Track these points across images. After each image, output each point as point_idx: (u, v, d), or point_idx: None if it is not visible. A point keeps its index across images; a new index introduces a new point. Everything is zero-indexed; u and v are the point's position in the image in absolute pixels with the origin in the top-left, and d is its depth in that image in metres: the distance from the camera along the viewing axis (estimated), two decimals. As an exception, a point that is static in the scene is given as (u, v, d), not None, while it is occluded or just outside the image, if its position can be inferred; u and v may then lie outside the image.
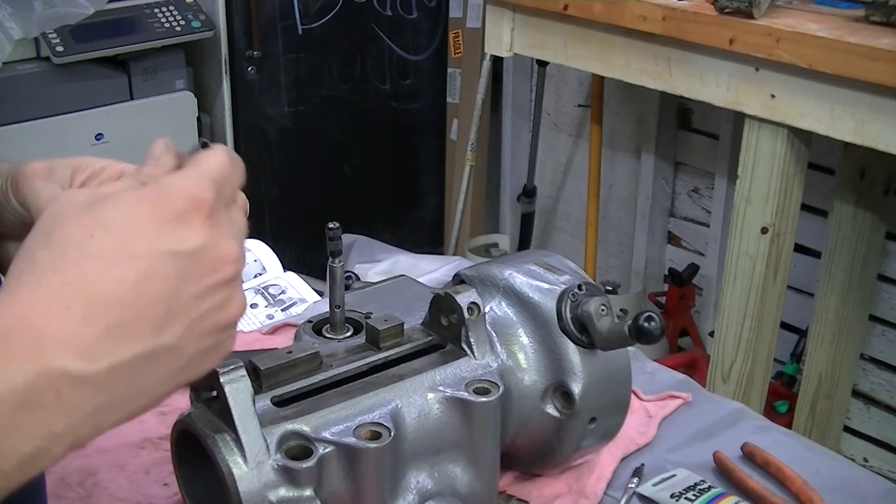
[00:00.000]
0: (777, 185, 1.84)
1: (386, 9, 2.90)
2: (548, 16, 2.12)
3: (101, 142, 2.42)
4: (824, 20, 1.76)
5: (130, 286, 0.50)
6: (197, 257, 0.52)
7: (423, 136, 3.13)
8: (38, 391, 0.47)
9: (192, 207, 0.52)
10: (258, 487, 0.72)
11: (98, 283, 0.49)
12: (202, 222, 0.53)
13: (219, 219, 0.54)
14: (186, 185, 0.53)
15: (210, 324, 0.54)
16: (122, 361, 0.50)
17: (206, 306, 0.53)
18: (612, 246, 3.00)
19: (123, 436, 1.02)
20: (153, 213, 0.52)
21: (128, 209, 0.52)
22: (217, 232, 0.53)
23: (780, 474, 0.99)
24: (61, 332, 0.48)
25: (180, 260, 0.51)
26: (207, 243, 0.53)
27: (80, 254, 0.50)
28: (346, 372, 0.84)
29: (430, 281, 1.27)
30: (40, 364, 0.48)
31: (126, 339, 0.50)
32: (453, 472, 0.84)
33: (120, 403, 0.51)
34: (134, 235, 0.51)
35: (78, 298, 0.49)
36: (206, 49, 2.62)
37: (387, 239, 1.65)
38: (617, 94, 2.76)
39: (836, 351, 2.24)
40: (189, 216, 0.52)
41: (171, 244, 0.51)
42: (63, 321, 0.48)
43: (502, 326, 0.89)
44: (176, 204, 0.52)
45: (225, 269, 0.54)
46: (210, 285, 0.53)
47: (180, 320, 0.52)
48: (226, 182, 0.56)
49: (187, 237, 0.52)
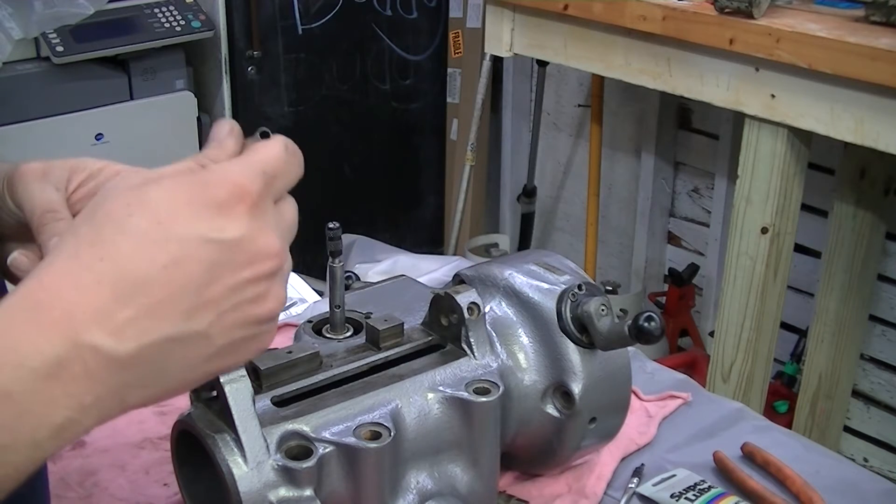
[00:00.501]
0: (777, 185, 1.84)
1: (386, 9, 2.90)
2: (548, 16, 2.12)
3: (101, 142, 2.42)
4: (824, 20, 1.76)
5: (161, 267, 0.50)
6: (234, 247, 0.52)
7: (423, 136, 3.13)
8: (67, 363, 0.48)
9: (235, 197, 0.52)
10: (258, 487, 0.72)
11: (130, 262, 0.50)
12: (244, 213, 0.52)
13: (263, 211, 0.53)
14: (233, 174, 0.53)
15: (243, 316, 0.53)
16: (150, 343, 0.50)
17: (240, 298, 0.52)
18: (612, 246, 3.00)
19: (123, 436, 1.02)
20: (194, 198, 0.51)
21: (170, 191, 0.52)
22: (258, 224, 0.53)
23: (780, 474, 0.99)
24: (92, 307, 0.49)
25: (215, 248, 0.51)
26: (246, 235, 0.52)
27: (117, 230, 0.50)
28: (346, 372, 0.84)
29: (430, 281, 1.27)
30: (70, 336, 0.48)
31: (155, 321, 0.50)
32: (453, 472, 0.84)
33: (146, 384, 0.51)
34: (171, 218, 0.51)
35: (110, 274, 0.49)
36: (206, 49, 2.62)
37: (387, 239, 1.65)
38: (617, 94, 2.76)
39: (836, 351, 2.24)
40: (230, 205, 0.52)
41: (208, 231, 0.51)
42: (94, 296, 0.49)
43: (502, 326, 0.89)
44: (219, 191, 0.52)
45: (264, 263, 0.53)
46: (247, 278, 0.52)
47: (211, 308, 0.51)
48: (278, 175, 0.55)
49: (226, 226, 0.51)
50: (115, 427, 1.03)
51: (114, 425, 1.03)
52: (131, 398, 0.51)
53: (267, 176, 0.54)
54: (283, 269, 0.55)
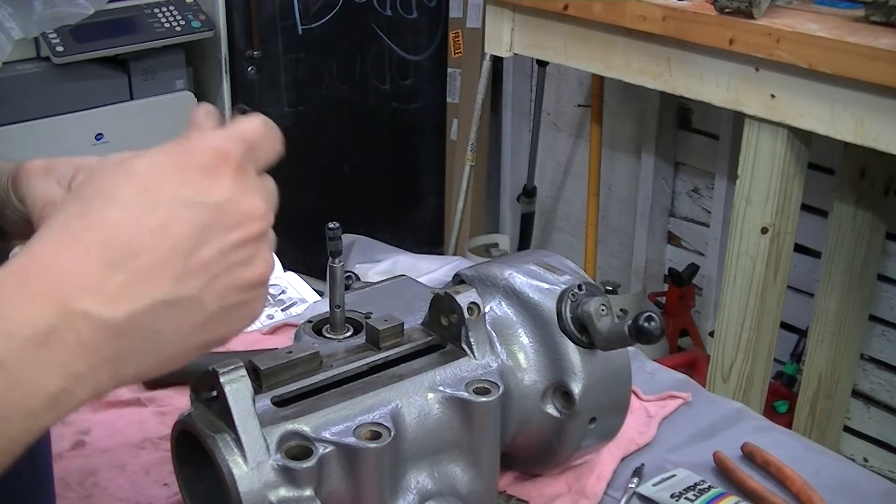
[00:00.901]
0: (777, 185, 1.84)
1: (386, 9, 2.90)
2: (548, 16, 2.12)
3: (101, 142, 2.42)
4: (824, 20, 1.76)
5: (149, 231, 0.50)
6: (221, 209, 0.52)
7: (423, 136, 3.13)
8: (59, 332, 0.48)
9: (218, 160, 0.53)
10: (258, 487, 0.72)
11: (118, 228, 0.50)
12: (229, 175, 0.53)
13: (246, 175, 0.54)
14: (216, 141, 0.54)
15: (234, 280, 0.53)
16: (142, 308, 0.50)
17: (230, 261, 0.53)
18: (612, 246, 3.00)
19: (123, 436, 1.02)
20: (179, 164, 0.52)
21: (154, 161, 0.53)
22: (243, 186, 0.53)
23: (780, 474, 0.99)
24: (82, 275, 0.49)
25: (203, 210, 0.52)
26: (232, 197, 0.53)
27: (104, 201, 0.51)
28: (346, 372, 0.84)
29: (430, 281, 1.27)
30: (60, 305, 0.48)
31: (145, 286, 0.50)
32: (453, 472, 0.84)
33: (140, 352, 0.51)
34: (157, 184, 0.51)
35: (99, 243, 0.50)
36: (206, 49, 2.62)
37: (387, 239, 1.65)
38: (617, 94, 2.76)
39: (836, 351, 2.24)
40: (215, 169, 0.53)
41: (194, 194, 0.52)
42: (84, 264, 0.49)
43: (502, 326, 0.89)
44: (203, 157, 0.53)
45: (251, 224, 0.54)
46: (235, 240, 0.53)
47: (202, 272, 0.52)
48: (258, 146, 0.56)
49: (211, 188, 0.52)
50: (115, 427, 1.03)
51: (114, 425, 1.03)
52: (126, 369, 0.51)
53: (248, 143, 0.55)
54: (268, 234, 0.56)
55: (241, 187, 0.53)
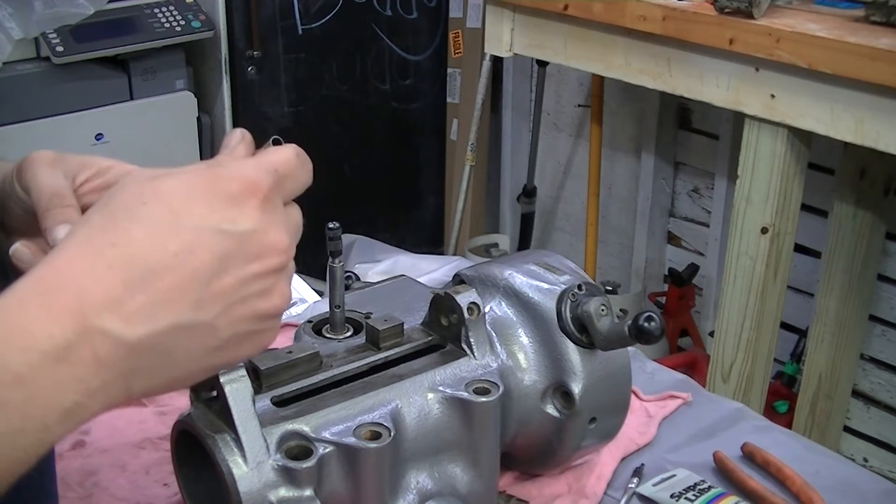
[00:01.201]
0: (777, 185, 1.84)
1: (386, 9, 2.90)
2: (548, 16, 2.12)
3: (101, 142, 2.42)
4: (824, 20, 1.76)
5: (173, 255, 0.51)
6: (244, 240, 0.53)
7: (423, 136, 3.13)
8: (76, 347, 0.49)
9: (247, 190, 0.53)
10: (258, 487, 0.72)
11: (141, 248, 0.50)
12: (255, 206, 0.53)
13: (273, 207, 0.55)
14: (246, 169, 0.54)
15: (250, 310, 0.54)
16: (159, 329, 0.51)
17: (248, 291, 0.53)
18: (612, 246, 3.00)
19: (123, 436, 1.02)
20: (207, 190, 0.52)
21: (184, 183, 0.53)
22: (269, 219, 0.54)
23: (780, 474, 0.99)
24: (102, 292, 0.49)
25: (227, 239, 0.52)
26: (257, 228, 0.53)
27: (129, 218, 0.51)
28: (346, 372, 0.84)
29: (430, 281, 1.27)
30: (80, 321, 0.49)
31: (164, 308, 0.51)
32: (453, 472, 0.84)
33: (152, 371, 0.52)
34: (185, 207, 0.52)
35: (120, 260, 0.50)
36: (206, 49, 2.62)
37: (387, 239, 1.65)
38: (617, 94, 2.76)
39: (836, 351, 2.24)
40: (243, 198, 0.53)
41: (220, 222, 0.52)
42: (104, 281, 0.49)
43: (502, 326, 0.89)
44: (232, 185, 0.53)
45: (272, 257, 0.54)
46: (255, 271, 0.53)
47: (219, 299, 0.52)
48: (287, 177, 0.57)
49: (237, 218, 0.52)
50: (115, 427, 1.03)
51: (114, 425, 1.03)
52: (137, 385, 0.52)
53: (278, 175, 0.55)
54: (289, 267, 0.56)
55: (266, 219, 0.54)
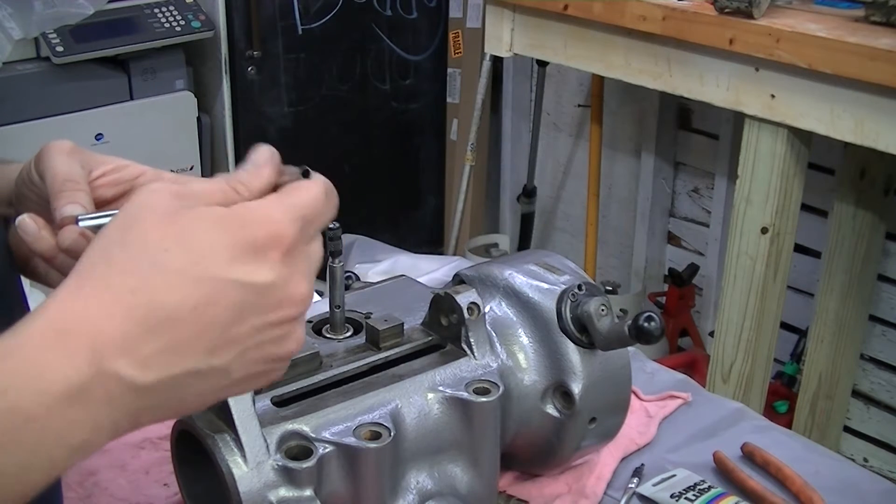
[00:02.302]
0: (777, 185, 1.84)
1: (386, 9, 2.90)
2: (548, 16, 2.12)
3: (101, 142, 2.42)
4: (824, 20, 1.76)
5: (192, 307, 0.50)
6: (264, 292, 0.52)
7: (423, 136, 3.13)
8: (90, 390, 0.49)
9: (271, 241, 0.52)
10: (258, 487, 0.72)
11: (162, 298, 0.50)
12: (278, 258, 0.52)
13: (296, 257, 0.54)
14: (273, 216, 0.53)
15: (263, 354, 0.54)
16: (172, 376, 0.51)
17: (263, 338, 0.53)
18: (612, 246, 3.00)
19: (123, 436, 1.02)
20: (231, 239, 0.51)
21: (208, 229, 0.51)
22: (290, 270, 0.53)
23: (780, 474, 0.99)
24: (119, 337, 0.49)
25: (247, 291, 0.52)
26: (277, 282, 0.52)
27: (151, 265, 0.50)
28: (346, 372, 0.84)
29: (430, 281, 1.27)
30: (94, 363, 0.49)
31: (179, 356, 0.51)
32: (453, 472, 0.84)
33: (162, 409, 0.53)
34: (207, 258, 0.51)
35: (141, 308, 0.50)
36: (206, 49, 2.62)
37: (387, 239, 1.65)
38: (617, 94, 2.76)
39: (836, 351, 2.24)
40: (266, 249, 0.52)
41: (242, 274, 0.51)
42: (122, 327, 0.49)
43: (502, 326, 0.89)
44: (257, 234, 0.52)
45: (290, 308, 0.54)
46: (272, 321, 0.53)
47: (235, 347, 0.52)
48: (315, 217, 0.55)
49: (259, 271, 0.52)
50: (115, 427, 1.03)
51: (114, 425, 1.03)
52: (144, 419, 0.53)
53: (305, 221, 0.54)
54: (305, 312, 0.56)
55: (288, 271, 0.53)
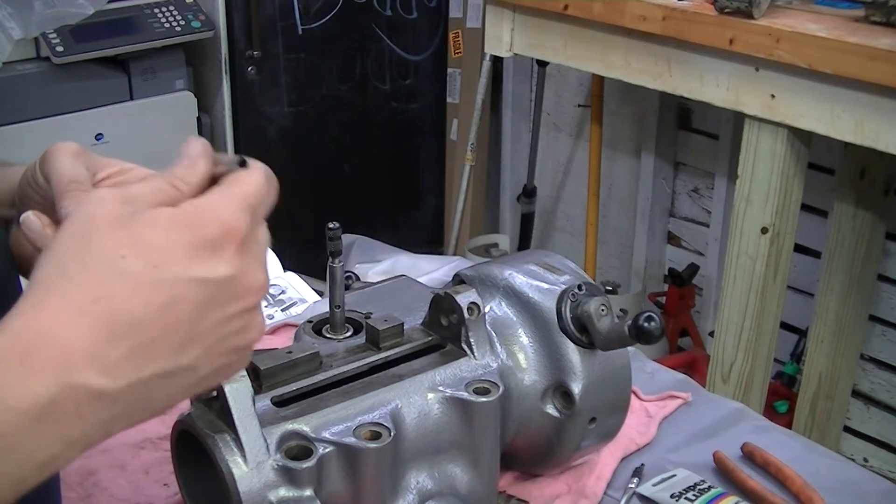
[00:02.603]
0: (777, 185, 1.84)
1: (386, 9, 2.90)
2: (548, 16, 2.12)
3: (101, 142, 2.42)
4: (824, 20, 1.76)
5: (156, 309, 0.51)
6: (225, 286, 0.53)
7: (423, 136, 3.13)
8: (59, 404, 0.49)
9: (225, 236, 0.53)
10: (258, 487, 0.72)
11: (125, 304, 0.50)
12: (233, 252, 0.53)
13: (250, 247, 0.55)
14: (222, 212, 0.54)
15: (228, 346, 0.55)
16: (141, 379, 0.51)
17: (227, 331, 0.54)
18: (612, 246, 3.00)
19: (123, 436, 1.01)
20: (186, 239, 0.52)
21: (161, 231, 0.52)
22: (246, 261, 0.54)
23: (780, 474, 0.99)
24: (86, 349, 0.49)
25: (208, 288, 0.52)
26: (236, 273, 0.53)
27: (111, 273, 0.51)
28: (346, 372, 0.84)
29: (430, 281, 1.27)
30: (62, 379, 0.49)
31: (147, 359, 0.51)
32: (453, 472, 0.84)
33: (132, 414, 0.53)
34: (165, 260, 0.51)
35: (104, 317, 0.50)
36: (206, 49, 2.62)
37: (387, 239, 1.65)
38: (617, 94, 2.76)
39: (836, 351, 2.24)
40: (222, 245, 0.53)
41: (201, 272, 0.52)
42: (88, 338, 0.49)
43: (502, 326, 0.89)
44: (210, 231, 0.53)
45: (250, 297, 0.55)
46: (234, 312, 0.54)
47: (200, 342, 0.53)
48: (260, 205, 0.56)
49: (218, 267, 0.53)
50: (115, 427, 1.03)
51: (114, 425, 1.03)
52: (116, 428, 0.53)
53: (253, 210, 0.55)
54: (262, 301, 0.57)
55: (244, 262, 0.54)
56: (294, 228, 2.73)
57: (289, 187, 2.48)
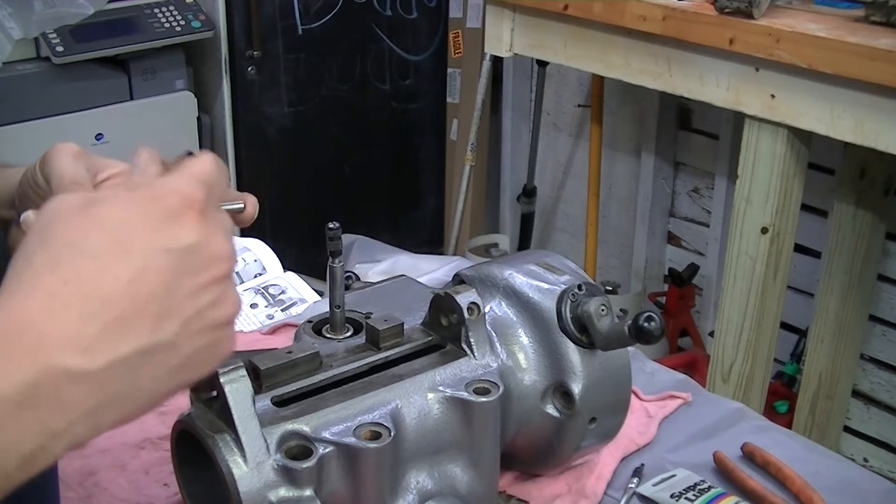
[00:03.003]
0: (777, 185, 1.84)
1: (386, 9, 2.90)
2: (548, 16, 2.12)
3: (101, 142, 2.42)
4: (824, 20, 1.76)
5: (126, 283, 0.51)
6: (191, 254, 0.53)
7: (423, 136, 3.13)
8: (38, 390, 0.48)
9: (185, 205, 0.54)
10: (258, 487, 0.72)
11: (94, 281, 0.50)
12: (195, 220, 0.54)
13: (210, 216, 0.55)
14: (178, 185, 0.55)
15: (206, 321, 0.54)
16: (120, 358, 0.51)
17: (201, 303, 0.54)
18: (612, 246, 3.00)
19: (123, 436, 1.02)
20: (147, 212, 0.53)
21: (122, 209, 0.53)
22: (209, 229, 0.55)
23: (780, 474, 0.99)
24: (60, 331, 0.49)
25: (174, 256, 0.53)
26: (200, 240, 0.54)
27: (76, 253, 0.51)
28: (346, 372, 0.84)
29: (430, 281, 1.27)
30: (40, 363, 0.48)
31: (123, 336, 0.51)
32: (453, 472, 0.84)
33: (118, 401, 0.52)
34: (128, 234, 0.52)
35: (76, 297, 0.50)
36: (206, 49, 2.62)
37: (387, 239, 1.65)
38: (617, 94, 2.76)
39: (836, 351, 2.24)
40: (182, 214, 0.53)
41: (166, 241, 0.52)
42: (62, 319, 0.49)
43: (502, 326, 0.89)
44: (169, 202, 0.53)
45: (218, 265, 0.55)
46: (204, 282, 0.54)
47: (176, 316, 0.53)
48: (214, 184, 0.57)
49: (181, 234, 0.53)
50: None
51: (114, 425, 1.03)
52: (105, 419, 0.52)
53: (207, 184, 0.56)
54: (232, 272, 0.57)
55: (207, 230, 0.54)
56: (294, 228, 2.73)
57: (289, 187, 2.50)
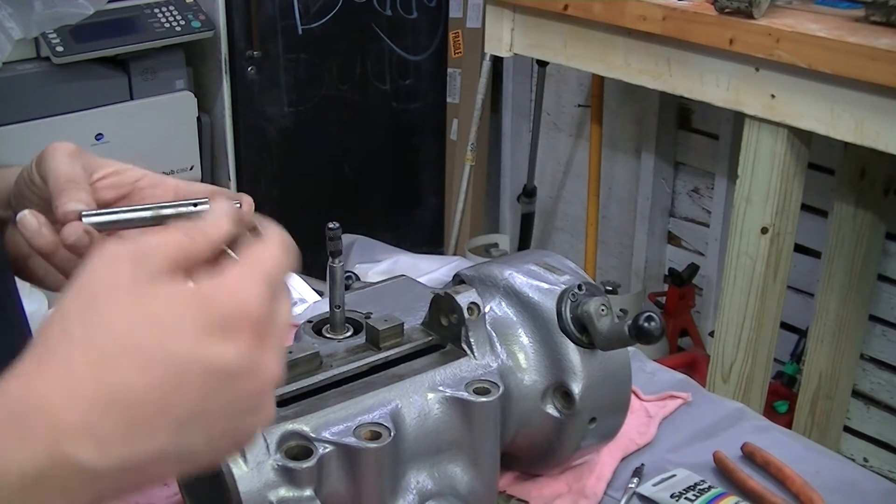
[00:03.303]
0: (777, 185, 1.84)
1: (386, 9, 2.90)
2: (548, 16, 2.12)
3: (101, 142, 2.42)
4: (824, 20, 1.76)
5: (158, 389, 0.48)
6: (233, 376, 0.50)
7: (423, 136, 3.13)
8: (47, 478, 0.46)
9: (240, 317, 0.50)
10: (258, 487, 0.72)
11: (125, 378, 0.48)
12: (247, 339, 0.50)
13: (265, 331, 0.51)
14: (239, 290, 0.50)
15: (233, 428, 0.51)
16: (135, 460, 0.48)
17: (233, 415, 0.51)
18: (612, 246, 3.00)
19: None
20: (198, 317, 0.49)
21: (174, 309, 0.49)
22: (260, 348, 0.50)
23: (780, 474, 0.99)
24: (80, 422, 0.47)
25: (215, 376, 0.49)
26: (248, 366, 0.50)
27: (116, 346, 0.48)
28: (346, 372, 0.84)
29: (430, 281, 1.27)
30: (53, 450, 0.46)
31: (143, 438, 0.48)
32: (453, 472, 0.84)
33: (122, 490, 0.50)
34: (173, 339, 0.48)
35: (104, 390, 0.47)
36: (206, 49, 2.62)
37: (387, 239, 1.65)
38: (617, 94, 2.76)
39: (836, 351, 2.24)
40: (235, 327, 0.49)
41: (211, 357, 0.49)
42: (84, 411, 0.47)
43: (502, 326, 0.89)
44: (224, 309, 0.49)
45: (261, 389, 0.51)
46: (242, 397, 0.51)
47: (203, 427, 0.50)
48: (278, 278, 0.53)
49: (228, 354, 0.49)
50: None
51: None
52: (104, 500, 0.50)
53: (270, 286, 0.52)
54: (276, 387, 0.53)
55: (258, 351, 0.50)
56: (294, 228, 2.72)
57: (289, 187, 2.50)
